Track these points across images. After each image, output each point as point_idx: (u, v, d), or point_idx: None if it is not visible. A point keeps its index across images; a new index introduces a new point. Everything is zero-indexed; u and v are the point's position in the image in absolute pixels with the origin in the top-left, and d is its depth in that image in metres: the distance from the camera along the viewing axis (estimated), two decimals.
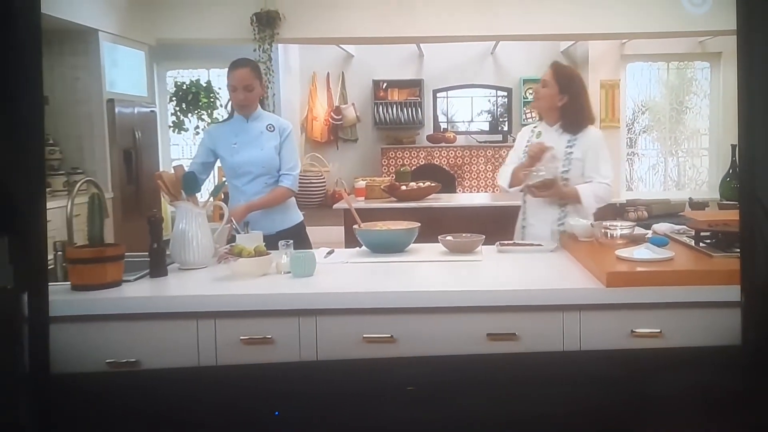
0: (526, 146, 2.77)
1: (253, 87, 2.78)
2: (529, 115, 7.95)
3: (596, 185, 2.64)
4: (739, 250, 1.86)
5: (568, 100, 2.69)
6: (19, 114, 1.53)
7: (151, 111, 6.33)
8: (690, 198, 6.00)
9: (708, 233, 2.21)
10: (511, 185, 2.80)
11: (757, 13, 1.64)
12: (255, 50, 6.17)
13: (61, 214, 4.68)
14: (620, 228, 2.34)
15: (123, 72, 5.82)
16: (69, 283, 2.01)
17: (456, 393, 1.76)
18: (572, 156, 2.67)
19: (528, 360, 1.86)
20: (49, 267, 2.33)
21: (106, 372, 1.83)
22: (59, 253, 2.30)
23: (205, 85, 7.61)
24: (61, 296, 1.96)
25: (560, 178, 2.64)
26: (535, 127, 2.83)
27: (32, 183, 1.56)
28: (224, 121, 2.91)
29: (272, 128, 2.85)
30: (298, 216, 2.96)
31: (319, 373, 1.86)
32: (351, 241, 3.00)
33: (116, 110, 5.56)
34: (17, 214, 1.52)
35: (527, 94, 7.93)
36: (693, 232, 2.28)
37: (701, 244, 2.20)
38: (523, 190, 2.75)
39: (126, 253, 2.08)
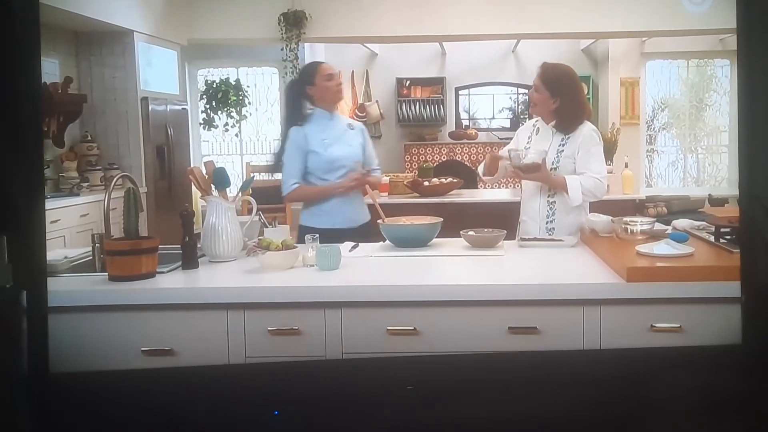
0: (527, 146, 2.74)
1: None
2: None
3: (585, 177, 2.61)
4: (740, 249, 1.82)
5: (560, 103, 2.65)
6: (17, 113, 1.50)
7: (183, 109, 6.40)
8: (709, 194, 5.88)
9: (728, 229, 2.16)
10: (485, 174, 2.84)
11: (756, 11, 1.60)
12: (282, 49, 6.20)
13: (99, 208, 4.80)
14: (640, 224, 2.30)
15: (156, 71, 5.89)
16: (106, 273, 2.04)
17: (456, 392, 1.72)
18: (563, 153, 2.65)
19: (531, 359, 1.83)
20: (88, 258, 2.37)
21: (105, 371, 1.81)
22: (97, 245, 2.33)
23: (234, 83, 7.67)
24: (98, 286, 1.99)
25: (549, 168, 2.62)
26: (536, 122, 2.80)
27: (31, 181, 1.53)
28: (304, 121, 2.84)
29: (352, 127, 2.94)
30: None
31: (319, 372, 1.84)
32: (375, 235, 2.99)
33: (150, 108, 5.63)
34: (16, 212, 1.49)
35: None
36: (713, 228, 2.23)
37: (721, 240, 2.16)
38: (507, 173, 2.76)
39: (159, 246, 2.10)
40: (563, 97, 2.64)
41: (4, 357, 1.51)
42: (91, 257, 2.36)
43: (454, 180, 4.86)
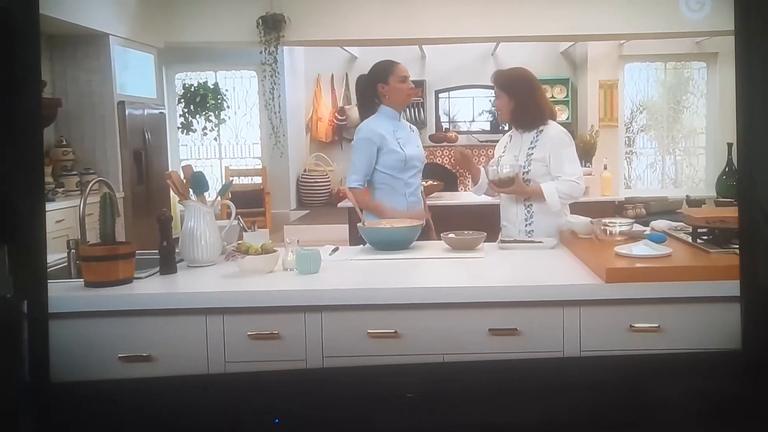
0: (502, 154, 2.81)
1: None
2: None
3: (560, 182, 2.63)
4: (736, 247, 1.85)
5: (515, 101, 2.70)
6: (18, 123, 1.52)
7: (160, 112, 6.35)
8: (687, 195, 5.97)
9: (705, 229, 2.20)
10: (473, 185, 2.93)
11: (754, 13, 1.62)
12: (261, 53, 6.18)
13: (74, 214, 4.75)
14: (619, 225, 2.33)
15: (133, 74, 5.84)
16: (82, 280, 2.02)
17: (455, 399, 1.74)
18: (533, 157, 2.68)
19: (525, 365, 1.85)
20: (63, 264, 2.34)
21: (107, 380, 1.82)
22: (72, 251, 2.31)
23: (212, 86, 7.62)
24: (74, 293, 1.96)
25: (521, 178, 2.66)
26: (512, 132, 2.85)
27: (31, 192, 1.55)
28: (373, 117, 2.83)
29: (413, 129, 2.96)
30: None
31: (319, 380, 1.85)
32: (355, 238, 3.00)
33: (127, 112, 5.58)
34: (17, 223, 1.51)
35: None
36: (690, 229, 2.27)
37: (698, 240, 2.19)
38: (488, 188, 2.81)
39: (137, 251, 2.08)
40: (518, 96, 2.69)
41: (5, 366, 1.53)
42: (66, 263, 2.34)
43: (435, 183, 4.88)
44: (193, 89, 7.56)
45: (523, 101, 2.69)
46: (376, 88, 2.83)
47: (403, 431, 1.73)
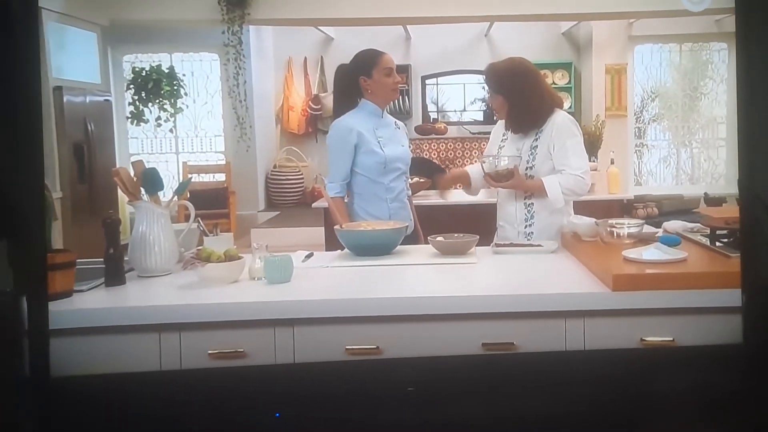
0: (501, 145, 2.83)
1: None
2: None
3: (563, 176, 2.66)
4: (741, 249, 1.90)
5: (510, 103, 2.73)
6: (16, 117, 1.62)
7: (106, 100, 6.30)
8: (705, 193, 6.06)
9: (725, 231, 2.23)
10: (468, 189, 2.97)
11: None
12: (224, 32, 6.16)
13: None
14: (628, 226, 2.36)
15: (72, 56, 5.79)
16: None
17: (458, 393, 1.82)
18: (537, 149, 2.71)
19: (529, 360, 1.90)
20: None
21: (107, 374, 1.87)
22: None
23: (167, 71, 7.56)
24: None
25: (524, 174, 2.70)
26: None
27: (31, 186, 1.66)
28: (351, 113, 2.85)
29: (398, 126, 2.97)
30: None
31: (320, 374, 1.90)
32: (332, 243, 3.00)
33: (64, 99, 5.52)
34: (16, 217, 1.62)
35: None
36: (708, 231, 2.30)
37: (717, 244, 2.22)
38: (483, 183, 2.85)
39: (77, 260, 2.07)
40: (512, 97, 2.72)
41: (4, 361, 1.65)
42: None
43: (421, 180, 4.90)
44: (144, 74, 7.50)
45: (518, 101, 2.71)
46: (357, 81, 2.83)
47: (404, 425, 1.82)
